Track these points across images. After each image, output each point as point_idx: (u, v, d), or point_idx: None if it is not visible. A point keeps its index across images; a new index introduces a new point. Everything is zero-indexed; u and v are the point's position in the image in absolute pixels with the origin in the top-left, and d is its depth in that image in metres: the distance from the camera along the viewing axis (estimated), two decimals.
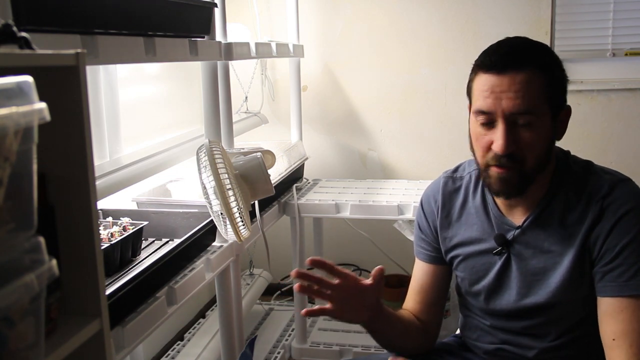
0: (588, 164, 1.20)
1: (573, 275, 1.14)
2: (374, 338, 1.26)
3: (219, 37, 1.68)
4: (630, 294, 1.08)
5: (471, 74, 1.16)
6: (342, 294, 1.13)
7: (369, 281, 1.16)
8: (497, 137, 1.09)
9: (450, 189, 1.30)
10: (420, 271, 1.34)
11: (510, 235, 1.20)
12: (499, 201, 1.22)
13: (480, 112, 1.11)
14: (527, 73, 1.07)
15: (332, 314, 1.14)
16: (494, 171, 1.12)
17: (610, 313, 1.09)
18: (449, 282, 1.36)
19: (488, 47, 1.15)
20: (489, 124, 1.11)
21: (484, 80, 1.10)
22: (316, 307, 1.16)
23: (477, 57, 1.15)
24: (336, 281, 1.13)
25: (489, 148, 1.12)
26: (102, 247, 1.12)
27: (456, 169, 1.33)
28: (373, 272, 1.16)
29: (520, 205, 1.19)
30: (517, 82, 1.07)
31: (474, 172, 1.28)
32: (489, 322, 1.26)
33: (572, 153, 1.23)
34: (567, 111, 1.16)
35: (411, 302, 1.34)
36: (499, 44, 1.14)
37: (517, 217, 1.20)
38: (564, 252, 1.14)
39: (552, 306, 1.17)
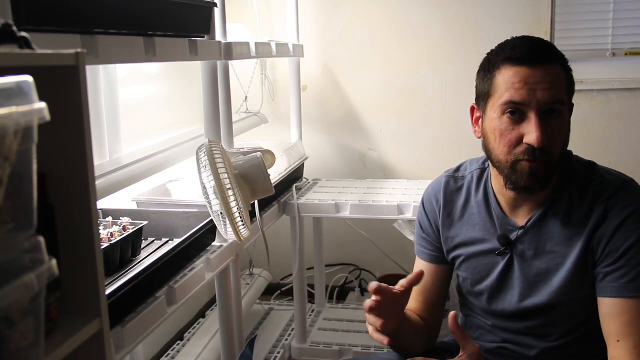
0: (591, 164, 1.20)
1: (576, 276, 1.14)
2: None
3: (219, 37, 1.68)
4: (632, 295, 1.08)
5: (490, 70, 1.14)
6: (388, 308, 1.11)
7: (402, 288, 1.12)
8: (532, 130, 1.07)
9: (452, 188, 1.30)
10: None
11: (513, 236, 1.19)
12: (504, 201, 1.21)
13: (511, 104, 1.09)
14: (555, 67, 1.10)
15: (383, 329, 1.10)
16: (524, 165, 1.10)
17: (613, 314, 1.09)
18: (450, 281, 1.36)
19: (504, 45, 1.14)
20: (517, 117, 1.09)
21: (513, 73, 1.09)
22: (380, 337, 1.12)
23: (494, 54, 1.15)
24: (378, 298, 1.09)
25: (517, 143, 1.10)
26: (102, 247, 1.12)
27: (458, 169, 1.32)
28: (407, 280, 1.13)
29: (525, 206, 1.19)
30: (550, 74, 1.08)
31: (475, 171, 1.28)
32: (491, 322, 1.26)
33: (573, 153, 1.23)
34: (572, 109, 1.18)
35: (413, 302, 1.34)
36: (518, 40, 1.14)
37: (521, 218, 1.20)
38: (567, 253, 1.14)
39: (555, 307, 1.17)
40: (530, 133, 1.08)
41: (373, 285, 1.07)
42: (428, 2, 2.61)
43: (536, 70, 1.08)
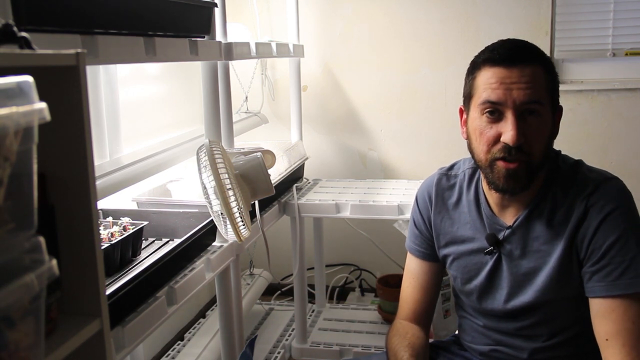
0: (577, 163, 1.20)
1: (560, 275, 1.14)
2: None
3: (219, 37, 1.68)
4: (619, 293, 1.08)
5: (472, 72, 1.17)
6: None
7: None
8: (508, 129, 1.09)
9: (444, 185, 1.30)
10: (416, 269, 1.35)
11: (501, 235, 1.20)
12: (492, 201, 1.22)
13: (488, 103, 1.11)
14: (533, 67, 1.10)
15: None
16: (500, 166, 1.11)
17: (601, 313, 1.10)
18: (442, 277, 1.38)
19: (487, 47, 1.16)
20: (496, 116, 1.11)
21: (491, 74, 1.11)
22: None
23: (477, 56, 1.17)
24: None
25: (495, 142, 1.11)
26: (102, 247, 1.12)
27: (451, 167, 1.33)
28: None
29: (512, 206, 1.19)
30: (527, 75, 1.09)
31: (468, 170, 1.29)
32: (482, 322, 1.27)
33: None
34: (560, 112, 1.18)
35: (409, 301, 1.34)
36: (500, 42, 1.16)
37: (509, 217, 1.20)
38: (551, 252, 1.15)
39: (541, 306, 1.17)
40: (507, 132, 1.09)
41: None
42: (428, 2, 2.61)
43: (512, 71, 1.09)
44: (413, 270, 1.35)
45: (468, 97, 1.18)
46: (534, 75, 1.09)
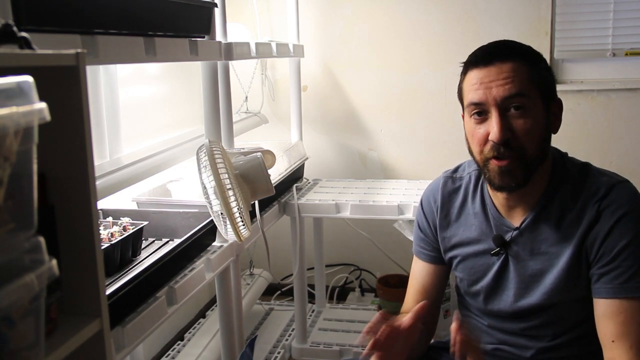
0: (585, 165, 1.20)
1: (569, 277, 1.14)
2: None
3: (219, 37, 1.68)
4: (627, 296, 1.08)
5: (460, 77, 1.19)
6: (390, 342, 1.07)
7: (409, 322, 1.08)
8: (492, 126, 1.10)
9: (449, 189, 1.30)
10: (420, 271, 1.35)
11: (508, 237, 1.20)
12: (498, 202, 1.22)
13: (472, 105, 1.13)
14: (512, 62, 1.11)
15: None
16: (493, 164, 1.12)
17: (608, 315, 1.10)
18: (447, 280, 1.37)
19: (473, 51, 1.19)
20: (483, 116, 1.12)
21: (472, 76, 1.14)
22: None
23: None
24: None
25: (485, 141, 1.12)
26: (102, 247, 1.12)
27: (456, 169, 1.33)
28: (415, 309, 1.09)
29: (519, 207, 1.19)
30: (504, 71, 1.10)
31: (473, 172, 1.29)
32: (487, 322, 1.27)
33: (573, 153, 1.23)
34: (559, 104, 1.18)
35: (412, 303, 1.34)
36: (482, 46, 1.18)
37: (516, 219, 1.20)
38: (560, 254, 1.15)
39: (549, 307, 1.17)
40: (491, 130, 1.10)
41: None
42: (428, 2, 2.61)
43: (490, 69, 1.11)
44: (416, 272, 1.36)
45: (461, 102, 1.20)
46: (513, 71, 1.10)
